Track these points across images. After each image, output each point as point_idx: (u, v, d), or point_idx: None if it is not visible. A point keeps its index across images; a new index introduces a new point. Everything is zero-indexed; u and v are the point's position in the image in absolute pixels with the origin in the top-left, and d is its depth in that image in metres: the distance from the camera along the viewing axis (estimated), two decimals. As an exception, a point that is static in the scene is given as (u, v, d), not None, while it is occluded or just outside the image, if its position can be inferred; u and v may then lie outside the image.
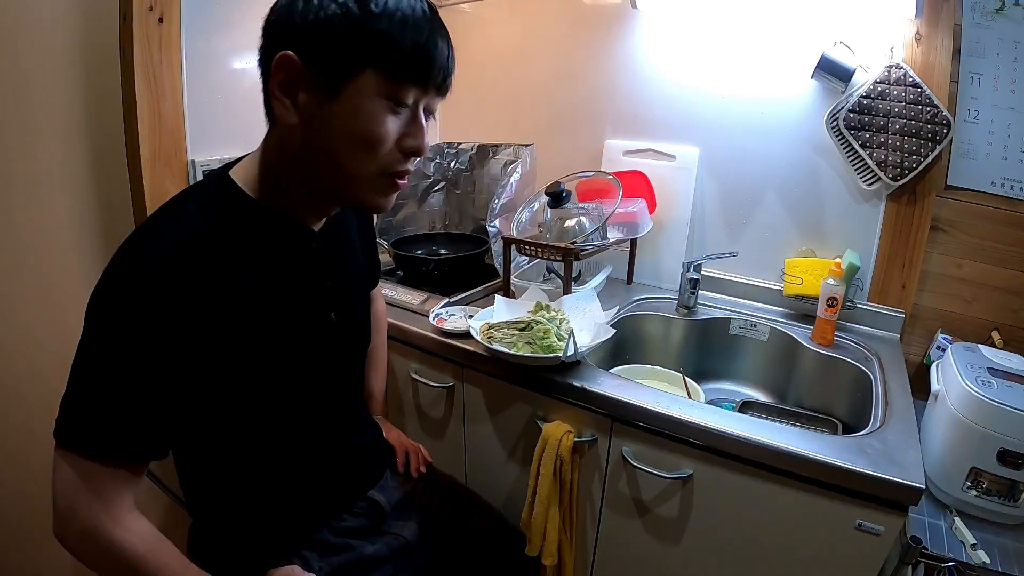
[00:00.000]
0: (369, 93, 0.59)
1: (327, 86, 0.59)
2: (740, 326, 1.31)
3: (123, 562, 0.60)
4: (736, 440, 0.86)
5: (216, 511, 0.77)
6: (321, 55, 0.58)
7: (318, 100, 0.59)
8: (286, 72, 0.59)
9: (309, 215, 0.71)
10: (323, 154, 0.62)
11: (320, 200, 0.70)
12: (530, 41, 1.57)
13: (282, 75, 0.59)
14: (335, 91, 0.59)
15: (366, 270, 0.94)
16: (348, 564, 0.82)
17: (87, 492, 0.59)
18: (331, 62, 0.58)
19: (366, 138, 0.61)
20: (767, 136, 1.30)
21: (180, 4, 1.10)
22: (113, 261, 0.59)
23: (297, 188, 0.67)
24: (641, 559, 1.02)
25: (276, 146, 0.65)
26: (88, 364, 0.58)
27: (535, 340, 1.02)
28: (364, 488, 0.90)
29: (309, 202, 0.69)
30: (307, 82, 0.59)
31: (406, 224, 1.67)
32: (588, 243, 1.21)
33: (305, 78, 0.59)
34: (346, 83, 0.59)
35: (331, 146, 0.61)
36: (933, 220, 1.18)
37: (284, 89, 0.59)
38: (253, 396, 0.67)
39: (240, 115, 1.24)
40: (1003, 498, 0.85)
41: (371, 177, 0.64)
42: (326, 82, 0.59)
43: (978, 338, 1.15)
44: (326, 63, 0.58)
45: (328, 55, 0.58)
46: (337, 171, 0.63)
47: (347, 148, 0.61)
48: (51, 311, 1.11)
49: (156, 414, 0.60)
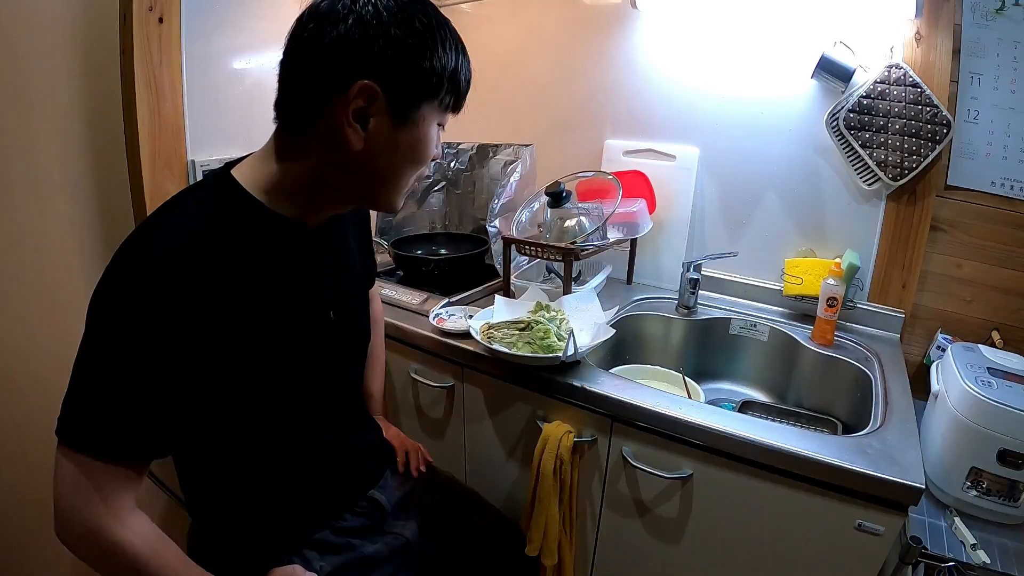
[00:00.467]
0: (431, 120, 0.66)
1: (401, 116, 0.62)
2: (740, 326, 1.31)
3: (124, 561, 0.60)
4: (736, 440, 0.86)
5: (216, 511, 0.77)
6: (400, 86, 0.61)
7: (387, 127, 0.62)
8: (366, 101, 0.60)
9: (309, 215, 0.70)
10: (379, 172, 0.66)
11: (339, 204, 0.71)
12: (530, 41, 1.57)
13: (361, 103, 0.60)
14: (404, 118, 0.63)
15: (363, 270, 0.94)
16: (349, 563, 0.82)
17: (89, 491, 0.59)
18: (410, 96, 0.62)
19: (424, 159, 0.68)
20: (767, 136, 1.30)
21: (180, 4, 1.10)
22: (114, 260, 0.59)
23: (316, 193, 0.67)
24: (641, 559, 1.02)
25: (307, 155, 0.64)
26: (90, 364, 0.58)
27: (535, 340, 1.02)
28: (364, 487, 0.90)
29: (320, 205, 0.69)
30: (382, 111, 0.61)
31: (406, 224, 1.67)
32: (588, 243, 1.21)
33: (382, 108, 0.61)
34: (416, 110, 0.63)
35: (391, 166, 0.66)
36: (933, 220, 1.18)
37: (358, 116, 0.61)
38: (253, 395, 0.67)
39: (240, 115, 1.25)
40: (1003, 498, 0.85)
41: (408, 185, 0.71)
42: (401, 112, 0.62)
43: (978, 338, 1.15)
44: (403, 94, 0.62)
45: (407, 87, 0.61)
46: (386, 183, 0.68)
47: (404, 167, 0.67)
48: (51, 311, 1.11)
49: (158, 413, 0.60)
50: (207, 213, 0.63)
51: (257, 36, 1.24)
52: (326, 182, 0.66)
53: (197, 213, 0.63)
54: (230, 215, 0.64)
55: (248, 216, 0.65)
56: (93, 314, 0.58)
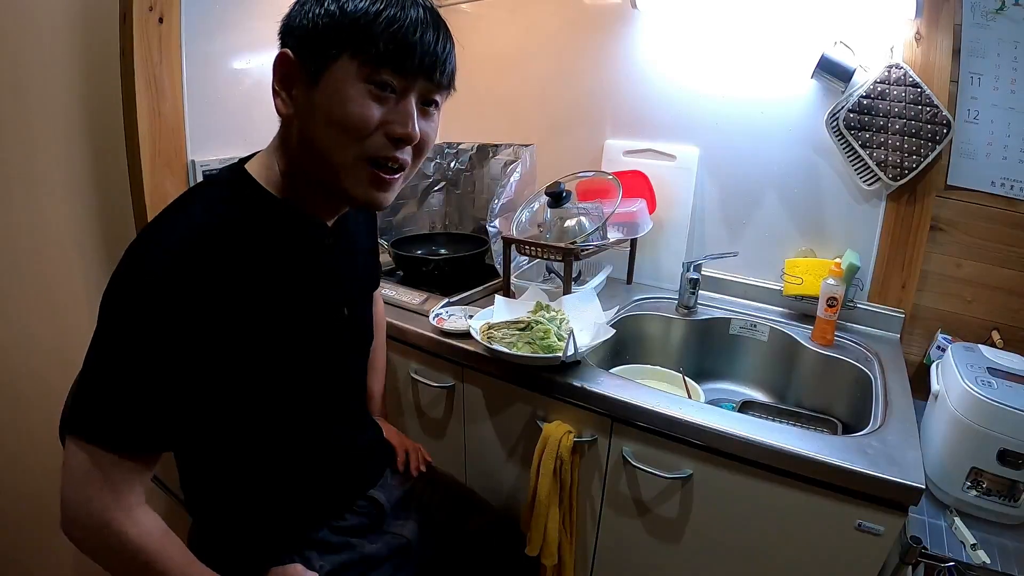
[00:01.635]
0: (347, 77, 0.60)
1: (311, 74, 0.61)
2: (740, 326, 1.31)
3: (130, 556, 0.60)
4: (736, 440, 0.86)
5: (217, 510, 0.77)
6: (305, 46, 0.61)
7: (306, 90, 0.62)
8: (283, 67, 0.62)
9: (321, 211, 0.71)
10: (310, 142, 0.63)
11: (323, 194, 0.70)
12: (530, 41, 1.57)
13: (280, 70, 0.63)
14: (316, 78, 0.61)
15: (370, 270, 0.94)
16: (349, 563, 0.82)
17: (99, 484, 0.59)
18: (312, 50, 0.60)
19: (343, 121, 0.60)
20: (767, 136, 1.30)
21: (180, 4, 1.10)
22: (130, 252, 0.59)
23: (304, 182, 0.67)
24: (641, 559, 1.02)
25: (282, 141, 0.67)
26: (104, 356, 0.58)
27: (535, 340, 1.02)
28: (364, 487, 0.90)
29: (319, 197, 0.70)
30: (298, 74, 0.61)
31: (406, 224, 1.67)
32: (588, 243, 1.21)
33: (297, 71, 0.61)
34: (326, 69, 0.60)
35: (316, 133, 0.62)
36: (933, 220, 1.18)
37: (283, 84, 0.63)
38: (262, 390, 0.67)
39: (240, 115, 1.25)
40: (1003, 498, 0.85)
41: (352, 164, 0.63)
42: (310, 71, 0.61)
43: (978, 338, 1.15)
44: (308, 52, 0.61)
45: (310, 44, 0.60)
46: (322, 160, 0.63)
47: (328, 133, 0.61)
48: (51, 311, 1.11)
49: (171, 406, 0.60)
50: (222, 208, 0.63)
51: (257, 36, 1.24)
52: (295, 166, 0.67)
53: (212, 208, 0.63)
54: (244, 208, 0.64)
55: (262, 210, 0.66)
56: (107, 306, 0.58)
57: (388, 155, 0.63)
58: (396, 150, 0.63)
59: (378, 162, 0.63)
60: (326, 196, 0.70)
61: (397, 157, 0.64)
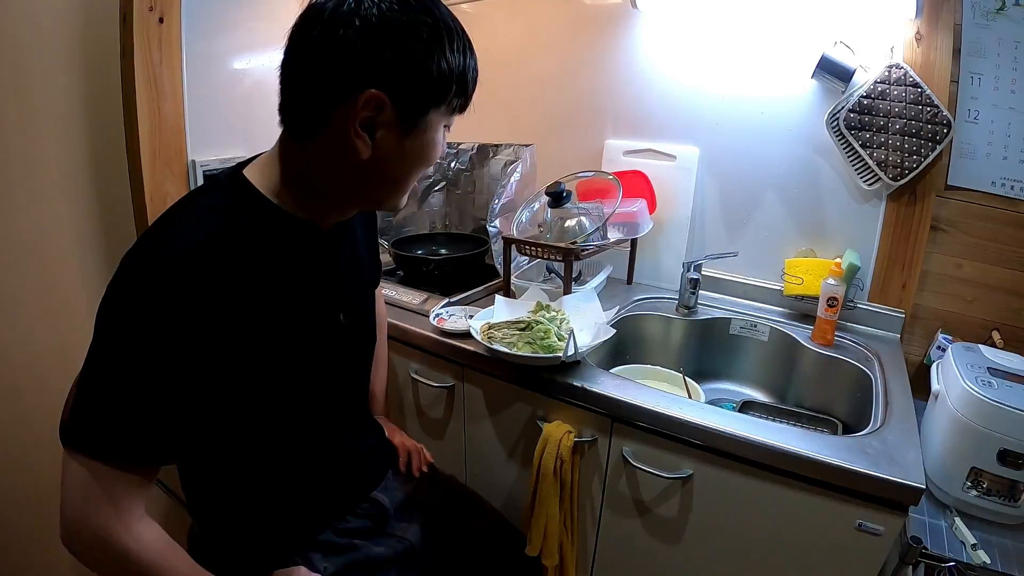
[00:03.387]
0: (438, 124, 0.65)
1: (406, 121, 0.61)
2: (740, 326, 1.31)
3: (133, 569, 0.60)
4: (736, 440, 0.86)
5: (219, 512, 0.77)
6: (407, 94, 0.60)
7: (396, 134, 0.62)
8: (373, 111, 0.59)
9: (322, 217, 0.70)
10: (386, 177, 0.66)
11: (346, 207, 0.71)
12: (530, 41, 1.57)
13: (368, 113, 0.59)
14: (412, 125, 0.62)
15: (370, 271, 0.94)
16: (353, 564, 0.82)
17: (99, 498, 0.58)
18: (417, 102, 0.61)
19: (431, 161, 0.67)
20: (767, 136, 1.30)
21: (180, 4, 1.10)
22: (126, 262, 0.58)
23: (323, 197, 0.67)
24: (641, 559, 1.02)
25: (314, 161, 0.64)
26: (102, 369, 0.57)
27: (535, 340, 1.02)
28: (367, 489, 0.89)
29: (328, 208, 0.69)
30: (390, 119, 0.60)
31: (406, 224, 1.67)
32: (588, 243, 1.21)
33: (390, 116, 0.60)
34: (424, 116, 0.63)
35: (398, 171, 0.66)
36: (933, 220, 1.18)
37: (365, 125, 0.60)
38: (262, 397, 0.67)
39: (240, 115, 1.25)
40: (1003, 498, 0.85)
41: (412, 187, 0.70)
42: (408, 118, 0.61)
43: (978, 338, 1.15)
44: (411, 102, 0.61)
45: (415, 95, 0.60)
46: (392, 188, 0.68)
47: (411, 170, 0.67)
48: (51, 312, 1.11)
49: (171, 418, 0.59)
50: (221, 215, 0.62)
51: (257, 36, 1.24)
52: (332, 187, 0.66)
53: (210, 215, 0.62)
54: (244, 217, 0.63)
55: (263, 218, 0.64)
56: (105, 317, 0.57)
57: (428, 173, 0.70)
58: None
59: None
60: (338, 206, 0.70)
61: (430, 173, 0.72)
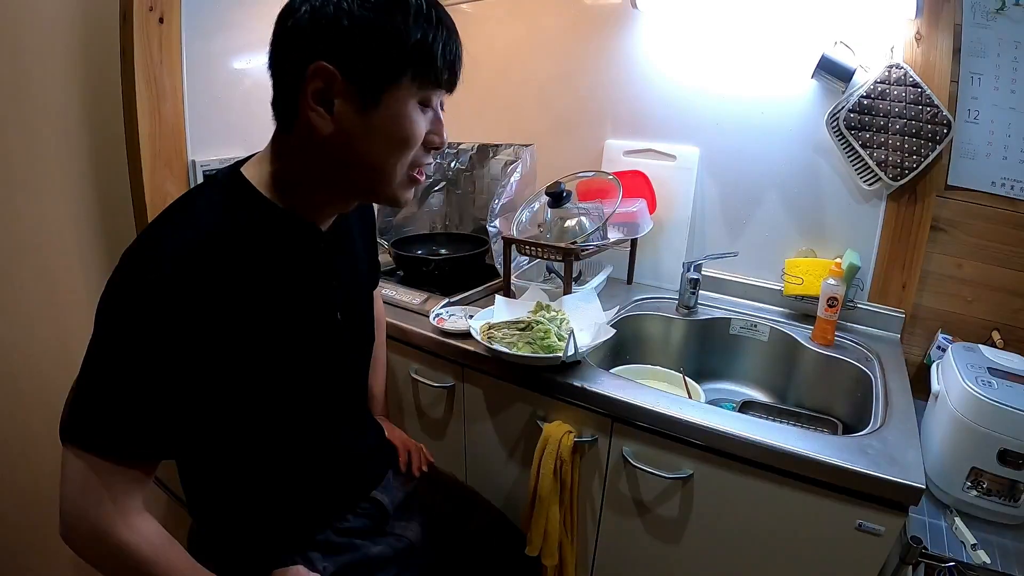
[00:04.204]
0: (407, 99, 0.62)
1: (366, 95, 0.60)
2: (740, 326, 1.31)
3: (131, 564, 0.60)
4: (736, 440, 0.86)
5: (219, 512, 0.77)
6: (360, 66, 0.59)
7: (356, 109, 0.60)
8: (323, 82, 0.59)
9: (319, 215, 0.70)
10: (360, 158, 0.64)
11: (339, 200, 0.70)
12: (530, 41, 1.57)
13: (318, 85, 0.59)
14: (375, 100, 0.60)
15: (368, 271, 0.94)
16: (352, 564, 0.82)
17: (97, 493, 0.58)
18: (371, 73, 0.59)
19: (405, 141, 0.64)
20: (767, 136, 1.30)
21: (180, 4, 1.10)
22: (125, 259, 0.58)
23: (314, 189, 0.67)
24: (641, 559, 1.02)
25: (297, 150, 0.65)
26: (101, 364, 0.58)
27: (535, 340, 1.02)
28: (367, 488, 0.89)
29: (322, 203, 0.69)
30: (344, 92, 0.60)
31: (406, 224, 1.67)
32: (588, 243, 1.21)
33: (343, 88, 0.59)
34: (385, 91, 0.60)
35: (370, 151, 0.63)
36: (933, 220, 1.18)
37: (319, 99, 0.60)
38: (260, 395, 0.67)
39: (240, 115, 1.25)
40: (1003, 498, 0.85)
41: (402, 174, 0.67)
42: (365, 91, 0.60)
43: (978, 338, 1.15)
44: (365, 74, 0.59)
45: (367, 66, 0.59)
46: (372, 173, 0.65)
47: (385, 152, 0.64)
48: (52, 311, 1.11)
49: (169, 413, 0.59)
50: (219, 212, 0.63)
51: (257, 36, 1.23)
52: (319, 176, 0.66)
53: (208, 212, 0.62)
54: (242, 214, 0.64)
55: (260, 216, 0.65)
56: (104, 314, 0.58)
57: (426, 162, 0.69)
58: (429, 156, 0.69)
59: (418, 168, 0.68)
60: (332, 202, 0.70)
61: (430, 162, 0.70)
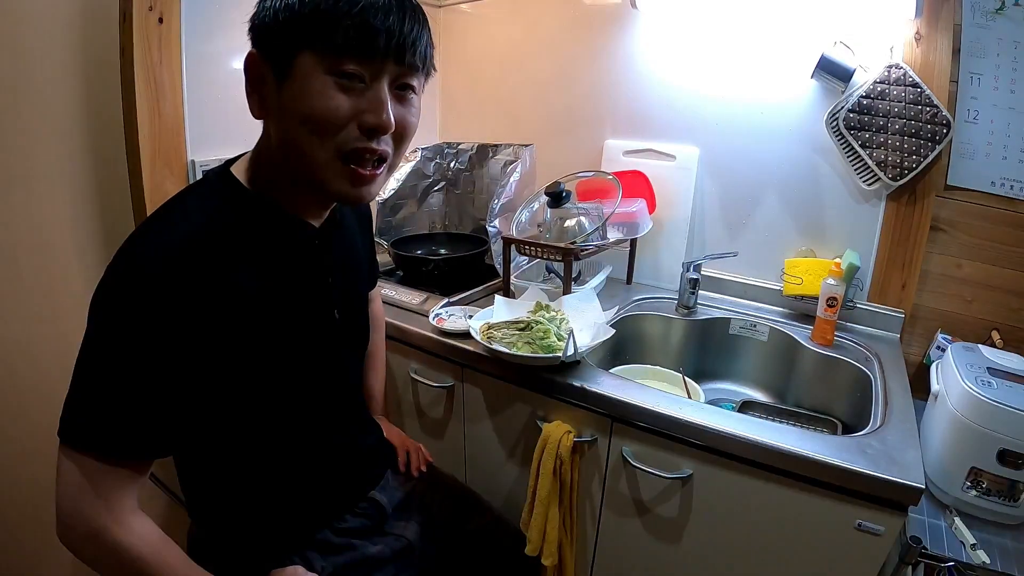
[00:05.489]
0: (311, 71, 0.58)
1: (277, 73, 0.60)
2: (740, 326, 1.31)
3: (127, 563, 0.60)
4: (736, 440, 0.86)
5: (217, 511, 0.77)
6: (269, 43, 0.60)
7: (273, 88, 0.61)
8: (252, 69, 0.62)
9: (308, 211, 0.71)
10: (288, 143, 0.62)
11: (308, 194, 0.69)
12: (530, 41, 1.57)
13: (250, 72, 0.62)
14: (283, 76, 0.60)
15: (367, 270, 0.94)
16: (351, 564, 0.82)
17: (92, 493, 0.58)
18: (275, 47, 0.60)
19: (315, 116, 0.58)
20: (767, 136, 1.30)
21: (180, 4, 1.10)
22: (116, 258, 0.58)
23: (289, 183, 0.67)
24: (641, 559, 1.02)
25: (263, 143, 0.67)
26: (93, 364, 0.58)
27: (535, 340, 1.02)
28: (366, 488, 0.90)
29: (303, 197, 0.69)
30: (263, 71, 0.61)
31: (406, 224, 1.67)
32: (588, 243, 1.21)
33: (261, 68, 0.61)
34: (290, 66, 0.59)
35: (290, 132, 0.60)
36: (933, 220, 1.18)
37: (254, 86, 0.63)
38: (256, 394, 0.67)
39: (240, 115, 1.24)
40: (1003, 498, 0.85)
41: (329, 160, 0.61)
42: (276, 69, 0.60)
43: (978, 338, 1.15)
44: (272, 50, 0.60)
45: (272, 41, 0.60)
46: (300, 158, 0.61)
47: (301, 131, 0.59)
48: (51, 311, 1.11)
49: (162, 412, 0.59)
50: (208, 210, 0.63)
51: (257, 36, 1.25)
52: (275, 166, 0.66)
53: (198, 211, 0.63)
54: (232, 212, 0.64)
55: (250, 212, 0.65)
56: (95, 313, 0.58)
57: (364, 147, 0.61)
58: (371, 141, 0.61)
59: (357, 155, 0.61)
60: (311, 196, 0.69)
61: (375, 148, 0.61)
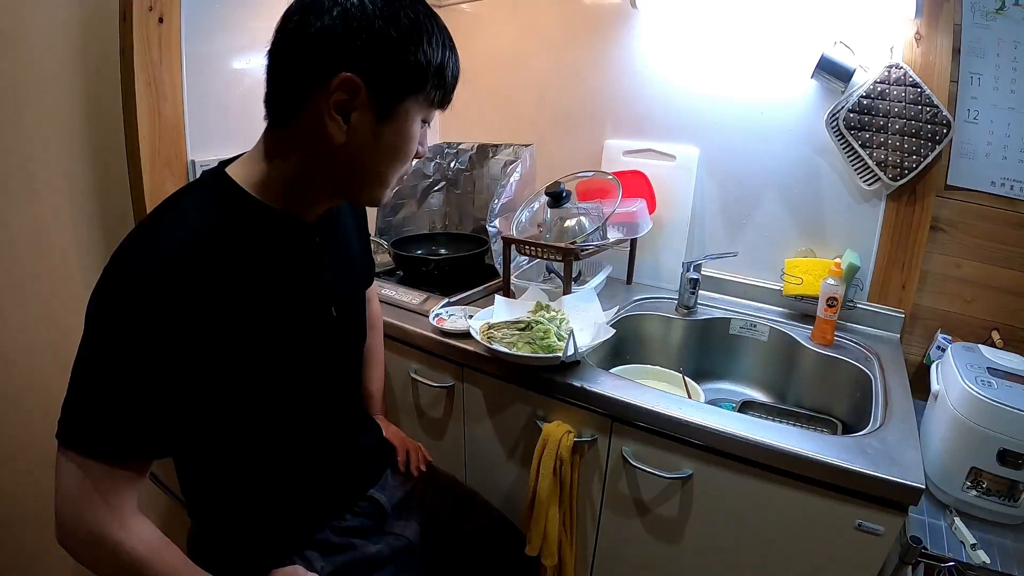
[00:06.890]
0: (415, 115, 0.65)
1: (382, 109, 0.62)
2: (740, 326, 1.31)
3: (128, 566, 0.60)
4: (736, 440, 0.86)
5: (217, 511, 0.77)
6: (384, 81, 0.61)
7: (371, 121, 0.62)
8: (346, 94, 0.60)
9: (307, 211, 0.71)
10: (364, 166, 0.66)
11: (328, 198, 0.70)
12: (530, 41, 1.57)
13: (342, 96, 0.60)
14: (387, 113, 0.62)
15: (363, 268, 0.94)
16: (350, 563, 0.82)
17: (91, 495, 0.58)
18: (393, 89, 0.61)
19: (407, 155, 0.68)
20: (767, 136, 1.30)
21: (180, 4, 1.10)
22: (113, 261, 0.58)
23: (306, 187, 0.67)
24: (641, 559, 1.02)
25: (292, 149, 0.65)
26: (91, 365, 0.58)
27: (535, 340, 1.02)
28: (365, 487, 0.90)
29: (312, 199, 0.69)
30: (365, 104, 0.61)
31: (406, 224, 1.67)
32: (588, 243, 1.21)
33: (364, 100, 0.61)
34: (396, 108, 0.63)
35: (376, 160, 0.65)
36: (933, 220, 1.18)
37: (340, 109, 0.61)
38: (255, 393, 0.67)
39: (240, 115, 1.25)
40: (1003, 498, 0.85)
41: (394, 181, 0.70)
42: (382, 105, 0.62)
43: (978, 338, 1.15)
44: (387, 89, 0.61)
45: (391, 82, 0.61)
46: (371, 178, 0.67)
47: (388, 162, 0.67)
48: (51, 311, 1.11)
49: (160, 414, 0.59)
50: (205, 212, 0.63)
51: (257, 36, 1.24)
52: (311, 177, 0.66)
53: (194, 212, 0.63)
54: (228, 213, 0.64)
55: (246, 213, 0.65)
56: (92, 315, 0.58)
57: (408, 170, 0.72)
58: None
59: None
60: (321, 199, 0.70)
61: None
